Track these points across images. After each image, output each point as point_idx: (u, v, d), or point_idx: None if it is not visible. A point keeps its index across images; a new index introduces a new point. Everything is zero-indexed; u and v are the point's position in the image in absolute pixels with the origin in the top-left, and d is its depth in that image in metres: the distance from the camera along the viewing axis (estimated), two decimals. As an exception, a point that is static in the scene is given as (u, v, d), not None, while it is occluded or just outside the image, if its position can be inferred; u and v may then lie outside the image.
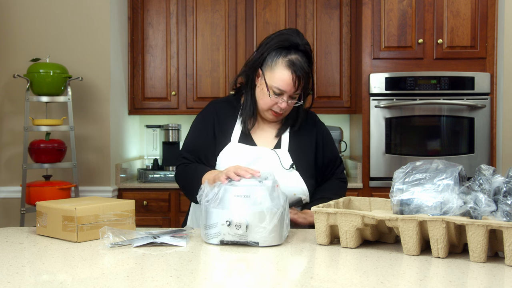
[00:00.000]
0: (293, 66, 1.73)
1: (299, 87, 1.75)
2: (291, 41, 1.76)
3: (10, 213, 3.37)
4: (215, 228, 1.51)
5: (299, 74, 1.73)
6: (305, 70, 1.74)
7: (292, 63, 1.73)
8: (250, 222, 1.46)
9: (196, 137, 1.88)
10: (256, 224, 1.47)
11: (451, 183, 1.42)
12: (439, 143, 3.46)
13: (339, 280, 1.20)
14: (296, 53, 1.75)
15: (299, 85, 1.74)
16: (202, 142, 1.86)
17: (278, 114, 1.81)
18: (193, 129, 1.91)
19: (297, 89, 1.75)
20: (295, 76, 1.73)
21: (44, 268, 1.32)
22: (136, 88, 3.79)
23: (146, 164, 3.88)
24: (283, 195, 1.54)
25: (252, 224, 1.47)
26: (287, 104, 1.77)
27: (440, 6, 3.43)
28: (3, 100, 3.38)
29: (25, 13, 3.37)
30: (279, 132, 1.86)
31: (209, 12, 3.77)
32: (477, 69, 3.43)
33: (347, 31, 3.75)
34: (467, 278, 1.20)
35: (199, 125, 1.90)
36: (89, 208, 1.60)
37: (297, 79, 1.73)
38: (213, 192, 1.53)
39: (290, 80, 1.73)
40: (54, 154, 3.09)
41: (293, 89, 1.75)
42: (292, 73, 1.73)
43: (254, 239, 1.48)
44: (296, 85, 1.74)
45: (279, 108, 1.78)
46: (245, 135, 1.85)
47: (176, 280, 1.19)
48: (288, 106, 1.78)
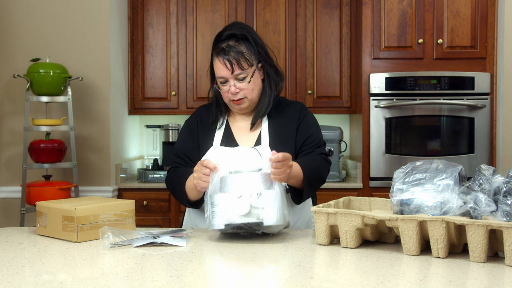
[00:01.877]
0: (221, 52, 1.81)
1: (236, 67, 1.79)
2: (219, 34, 1.86)
3: (10, 213, 3.37)
4: (222, 212, 1.55)
5: (227, 57, 1.79)
6: (236, 50, 1.80)
7: (220, 50, 1.82)
8: (260, 192, 1.56)
9: (183, 142, 1.97)
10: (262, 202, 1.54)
11: (451, 183, 1.42)
12: (439, 143, 3.46)
13: (339, 280, 1.20)
14: (223, 42, 1.83)
15: (233, 66, 1.79)
16: (190, 147, 1.93)
17: (237, 101, 1.84)
18: (180, 135, 2.01)
19: (235, 70, 1.80)
20: (225, 60, 1.80)
21: (44, 268, 1.32)
22: (136, 88, 3.79)
23: (146, 164, 3.88)
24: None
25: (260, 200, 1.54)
26: (234, 88, 1.81)
27: (440, 6, 3.43)
28: (3, 100, 3.38)
29: (25, 13, 3.37)
30: (253, 121, 1.88)
31: (209, 12, 3.77)
32: (477, 69, 3.43)
33: (347, 31, 3.75)
34: (467, 278, 1.20)
35: (185, 131, 1.98)
36: (89, 208, 1.60)
37: (227, 62, 1.79)
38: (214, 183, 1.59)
39: (222, 65, 1.81)
40: (54, 154, 3.09)
41: (230, 71, 1.80)
42: (222, 59, 1.80)
43: (258, 219, 1.53)
44: (230, 67, 1.79)
45: (231, 95, 1.83)
46: (227, 136, 1.89)
47: (176, 280, 1.19)
48: (237, 89, 1.82)
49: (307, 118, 1.93)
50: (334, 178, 3.52)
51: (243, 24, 1.89)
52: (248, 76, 1.81)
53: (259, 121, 1.89)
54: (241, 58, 1.79)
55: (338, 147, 3.57)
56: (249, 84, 1.82)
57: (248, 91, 1.83)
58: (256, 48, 1.84)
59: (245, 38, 1.83)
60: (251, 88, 1.83)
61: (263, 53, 1.86)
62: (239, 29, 1.84)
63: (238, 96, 1.83)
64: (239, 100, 1.83)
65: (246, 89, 1.82)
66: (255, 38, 1.85)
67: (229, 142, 1.87)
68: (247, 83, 1.81)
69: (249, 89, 1.83)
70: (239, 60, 1.79)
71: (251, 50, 1.82)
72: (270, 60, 1.89)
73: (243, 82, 1.81)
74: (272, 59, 1.91)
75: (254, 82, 1.83)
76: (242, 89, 1.82)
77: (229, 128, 1.91)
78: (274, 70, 1.90)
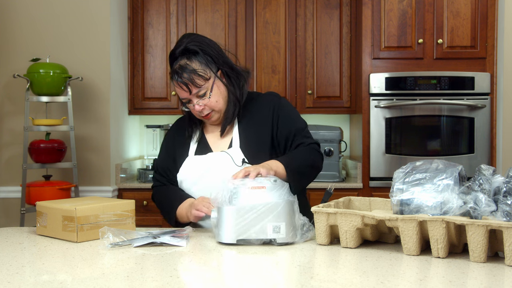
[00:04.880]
0: (175, 76, 1.79)
1: (192, 87, 1.78)
2: (171, 52, 1.84)
3: (10, 213, 3.37)
4: (232, 225, 1.51)
5: (181, 79, 1.77)
6: (188, 70, 1.77)
7: (173, 73, 1.81)
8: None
9: (161, 159, 1.99)
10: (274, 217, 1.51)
11: (451, 183, 1.42)
12: (439, 143, 3.46)
13: (339, 280, 1.20)
14: (176, 61, 1.82)
15: (189, 87, 1.78)
16: (168, 163, 1.94)
17: (206, 116, 1.84)
18: (160, 151, 2.02)
19: (192, 90, 1.78)
20: (179, 83, 1.79)
21: (44, 268, 1.32)
22: (136, 88, 3.79)
23: (146, 164, 3.88)
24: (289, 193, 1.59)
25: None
26: (198, 106, 1.81)
27: (440, 6, 3.43)
28: (3, 100, 3.38)
29: (25, 13, 3.37)
30: (222, 128, 1.87)
31: (209, 12, 3.77)
32: (477, 69, 3.43)
33: (347, 31, 3.75)
34: (467, 278, 1.20)
35: (163, 147, 2.00)
36: (89, 208, 1.60)
37: (183, 84, 1.78)
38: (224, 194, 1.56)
39: (179, 88, 1.80)
40: (54, 154, 3.09)
41: (187, 92, 1.79)
42: (177, 82, 1.79)
43: (270, 235, 1.50)
44: (187, 89, 1.78)
45: (199, 112, 1.83)
46: (201, 145, 1.90)
47: (176, 280, 1.19)
48: (201, 106, 1.81)
49: (282, 111, 1.89)
50: (334, 178, 3.52)
51: (194, 36, 1.85)
52: (207, 90, 1.80)
53: (230, 125, 1.88)
54: (194, 76, 1.77)
55: (338, 147, 3.57)
56: (211, 98, 1.80)
57: (213, 104, 1.81)
58: (210, 59, 1.81)
59: (196, 52, 1.80)
60: (214, 100, 1.81)
61: (219, 60, 1.83)
62: (190, 43, 1.80)
63: (205, 112, 1.82)
64: (207, 115, 1.83)
65: (209, 103, 1.81)
66: (207, 50, 1.81)
67: (204, 151, 1.88)
68: (208, 98, 1.80)
69: (213, 102, 1.81)
70: (193, 79, 1.77)
71: (204, 63, 1.80)
72: (230, 64, 1.86)
73: (204, 98, 1.80)
74: (231, 61, 1.87)
75: (216, 94, 1.81)
76: (206, 104, 1.81)
77: (204, 138, 1.92)
78: (236, 74, 1.87)
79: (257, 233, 1.50)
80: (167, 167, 1.93)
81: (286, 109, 1.91)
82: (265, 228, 1.50)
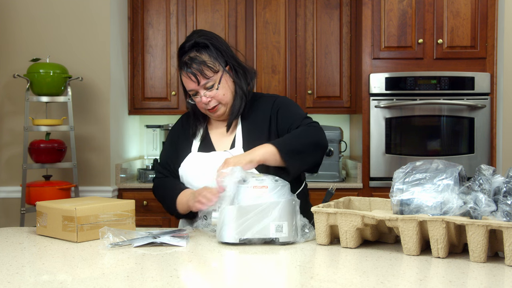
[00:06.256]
0: (185, 67, 1.81)
1: (201, 78, 1.80)
2: (181, 46, 1.86)
3: (10, 213, 3.37)
4: (233, 225, 1.50)
5: (190, 69, 1.79)
6: (198, 61, 1.80)
7: (183, 64, 1.82)
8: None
9: (165, 153, 1.99)
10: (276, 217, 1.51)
11: (451, 183, 1.42)
12: (439, 143, 3.46)
13: (339, 280, 1.20)
14: (185, 54, 1.83)
15: (197, 77, 1.79)
16: (172, 157, 1.94)
17: (212, 110, 1.85)
18: (164, 144, 2.03)
19: (200, 80, 1.80)
20: (189, 73, 1.80)
21: (44, 268, 1.32)
22: (136, 88, 3.79)
23: (146, 164, 3.88)
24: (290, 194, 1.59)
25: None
26: (205, 98, 1.82)
27: (440, 6, 3.43)
28: (3, 100, 3.38)
29: (25, 13, 3.37)
30: (228, 123, 1.88)
31: (209, 12, 3.77)
32: (477, 69, 3.43)
33: (347, 31, 3.75)
34: (467, 278, 1.20)
35: (168, 140, 2.02)
36: (89, 208, 1.60)
37: (191, 74, 1.80)
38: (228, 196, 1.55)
39: (187, 78, 1.81)
40: (54, 154, 3.09)
41: (196, 83, 1.80)
42: (186, 72, 1.81)
43: (272, 234, 1.50)
44: (195, 79, 1.80)
45: (204, 104, 1.83)
46: (205, 142, 1.90)
47: (176, 280, 1.19)
48: (208, 98, 1.82)
49: (281, 108, 1.89)
50: (334, 178, 3.53)
51: (204, 31, 1.88)
52: (215, 83, 1.81)
53: (235, 123, 1.89)
54: (203, 67, 1.79)
55: (338, 147, 3.57)
56: (219, 90, 1.81)
57: (220, 97, 1.83)
58: (219, 53, 1.83)
59: (206, 46, 1.82)
60: (221, 93, 1.82)
61: (228, 55, 1.85)
62: (199, 37, 1.83)
63: (211, 104, 1.83)
64: (213, 108, 1.84)
65: (216, 95, 1.82)
66: (216, 44, 1.84)
67: (207, 148, 1.88)
68: (216, 90, 1.81)
69: (220, 95, 1.82)
70: (202, 70, 1.79)
71: (214, 56, 1.82)
72: (237, 60, 1.89)
73: (212, 90, 1.81)
74: (240, 59, 1.90)
75: (224, 87, 1.83)
76: (213, 96, 1.82)
77: (208, 135, 1.92)
78: (243, 70, 1.89)
79: (260, 232, 1.50)
80: (171, 160, 1.94)
81: (286, 102, 1.92)
82: (267, 228, 1.50)
